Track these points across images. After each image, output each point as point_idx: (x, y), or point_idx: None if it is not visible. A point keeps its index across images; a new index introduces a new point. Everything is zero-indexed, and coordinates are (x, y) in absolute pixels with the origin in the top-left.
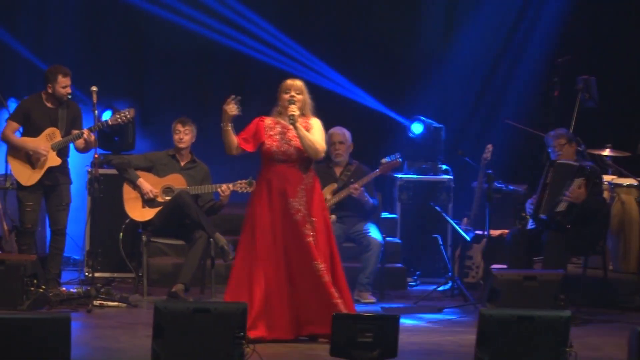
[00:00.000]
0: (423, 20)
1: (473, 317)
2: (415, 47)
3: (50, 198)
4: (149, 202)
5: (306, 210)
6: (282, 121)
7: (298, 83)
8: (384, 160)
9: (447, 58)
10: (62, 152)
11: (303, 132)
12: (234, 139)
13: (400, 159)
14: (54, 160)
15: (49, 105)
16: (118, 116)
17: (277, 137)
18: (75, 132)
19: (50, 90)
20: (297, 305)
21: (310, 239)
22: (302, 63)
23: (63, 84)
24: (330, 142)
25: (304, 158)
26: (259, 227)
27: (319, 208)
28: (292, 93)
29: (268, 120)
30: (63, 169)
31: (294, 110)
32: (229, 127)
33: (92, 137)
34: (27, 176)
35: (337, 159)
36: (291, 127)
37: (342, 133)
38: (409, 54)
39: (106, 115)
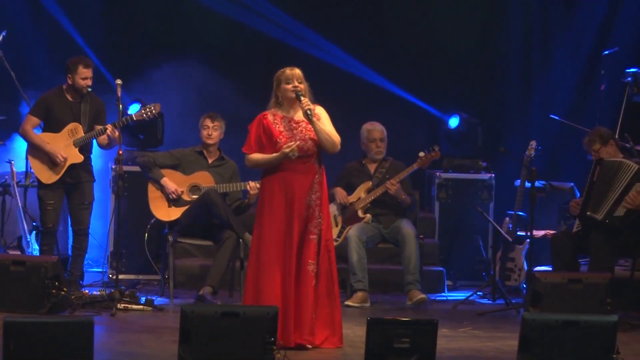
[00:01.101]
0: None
1: (515, 322)
2: (456, 41)
3: (72, 196)
4: (175, 201)
5: (317, 207)
6: (287, 115)
7: (297, 71)
8: (422, 153)
9: (489, 51)
10: (85, 148)
11: (320, 126)
12: None
13: (440, 150)
14: (76, 157)
15: (70, 98)
16: (143, 111)
17: (285, 132)
18: (99, 127)
19: (70, 82)
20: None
21: (314, 237)
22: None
23: (83, 75)
24: (369, 138)
25: (319, 151)
26: (273, 231)
27: (326, 205)
28: (295, 83)
29: (270, 116)
30: (86, 166)
31: (309, 104)
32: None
33: (116, 133)
34: (48, 174)
35: (378, 156)
36: (298, 119)
37: (382, 129)
38: (448, 48)
39: (132, 109)
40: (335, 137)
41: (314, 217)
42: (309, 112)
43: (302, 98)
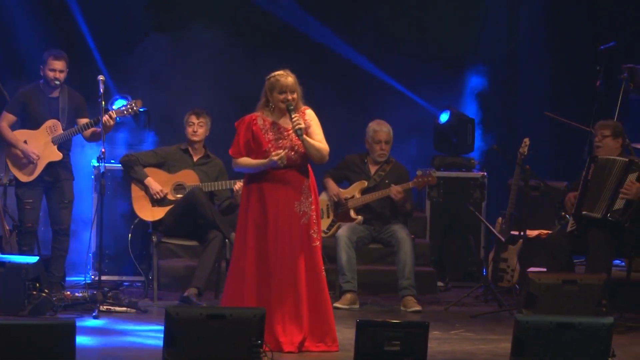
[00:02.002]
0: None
1: (508, 324)
2: (449, 38)
3: (51, 195)
4: (159, 200)
5: (311, 212)
6: (276, 121)
7: (291, 80)
8: (419, 172)
9: (481, 48)
10: (64, 146)
11: (310, 142)
12: None
13: (441, 170)
14: (54, 154)
15: (47, 94)
16: (123, 108)
17: (274, 142)
18: (84, 121)
19: (42, 74)
20: (300, 316)
21: (318, 243)
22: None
23: (51, 67)
24: (374, 139)
25: (306, 161)
26: (256, 234)
27: (317, 209)
28: (288, 95)
29: (260, 121)
30: (64, 164)
31: (299, 122)
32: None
33: (112, 122)
34: (26, 172)
35: (381, 159)
36: (288, 126)
37: (388, 131)
38: (443, 44)
39: (117, 105)
40: (324, 149)
41: (312, 224)
42: (299, 131)
43: (293, 114)
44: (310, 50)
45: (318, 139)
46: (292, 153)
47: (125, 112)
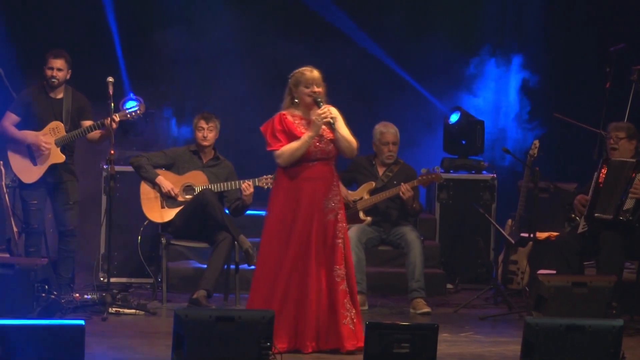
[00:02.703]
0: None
1: (518, 326)
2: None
3: (56, 196)
4: (168, 202)
5: (340, 210)
6: (305, 117)
7: (317, 73)
8: (424, 170)
9: (491, 48)
10: (67, 148)
11: (342, 133)
12: None
13: (442, 170)
14: (57, 156)
15: (51, 95)
16: (128, 112)
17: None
18: (88, 123)
19: (43, 74)
20: (316, 315)
21: (340, 241)
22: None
23: (49, 65)
24: (382, 141)
25: (336, 155)
26: (292, 232)
27: (343, 207)
28: (314, 88)
29: (289, 116)
30: (68, 166)
31: (330, 113)
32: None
33: (115, 125)
34: (29, 173)
35: (389, 160)
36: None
37: (395, 132)
38: (451, 45)
39: (129, 105)
40: (354, 142)
41: (337, 221)
42: (332, 121)
43: (322, 104)
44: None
45: (347, 136)
46: (326, 145)
47: (129, 115)
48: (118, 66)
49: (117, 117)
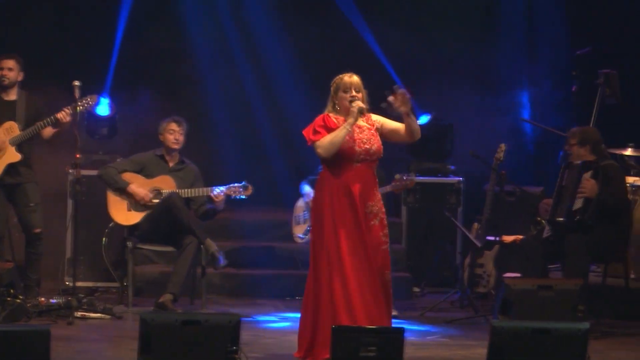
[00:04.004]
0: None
1: (484, 330)
2: (425, 43)
3: (16, 198)
4: (135, 205)
5: (383, 215)
6: (347, 120)
7: (356, 79)
8: (397, 176)
9: (458, 53)
10: (24, 148)
11: (412, 118)
12: None
13: (417, 177)
14: (12, 156)
15: (4, 97)
16: (80, 104)
17: (355, 136)
18: (40, 123)
19: None
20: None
21: (386, 246)
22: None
23: (0, 65)
24: None
25: (379, 158)
26: (343, 237)
27: (384, 212)
28: (352, 92)
29: (332, 118)
30: (26, 166)
31: (359, 103)
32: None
33: (68, 118)
34: None
35: None
36: (361, 124)
37: None
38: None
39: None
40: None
41: (383, 226)
42: (360, 110)
43: (356, 101)
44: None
45: (398, 125)
46: (370, 146)
47: (80, 107)
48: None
49: (68, 110)
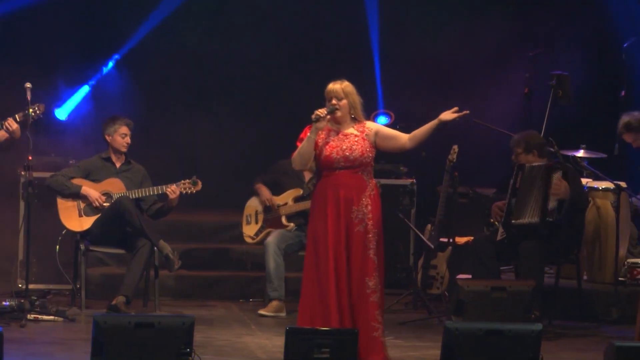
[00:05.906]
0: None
1: (437, 331)
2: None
3: None
4: (86, 210)
5: (370, 221)
6: (334, 128)
7: (337, 87)
8: None
9: (407, 53)
10: None
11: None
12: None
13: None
14: None
15: None
16: (32, 108)
17: (324, 138)
18: None
19: None
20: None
21: (371, 252)
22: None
23: None
24: None
25: (366, 164)
26: (323, 243)
27: (380, 220)
28: (333, 100)
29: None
30: None
31: (317, 111)
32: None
33: (15, 125)
34: None
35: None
36: (348, 132)
37: None
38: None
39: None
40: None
41: (367, 232)
42: (331, 108)
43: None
44: None
45: (395, 134)
46: (351, 152)
47: (32, 112)
48: None
49: (17, 118)
